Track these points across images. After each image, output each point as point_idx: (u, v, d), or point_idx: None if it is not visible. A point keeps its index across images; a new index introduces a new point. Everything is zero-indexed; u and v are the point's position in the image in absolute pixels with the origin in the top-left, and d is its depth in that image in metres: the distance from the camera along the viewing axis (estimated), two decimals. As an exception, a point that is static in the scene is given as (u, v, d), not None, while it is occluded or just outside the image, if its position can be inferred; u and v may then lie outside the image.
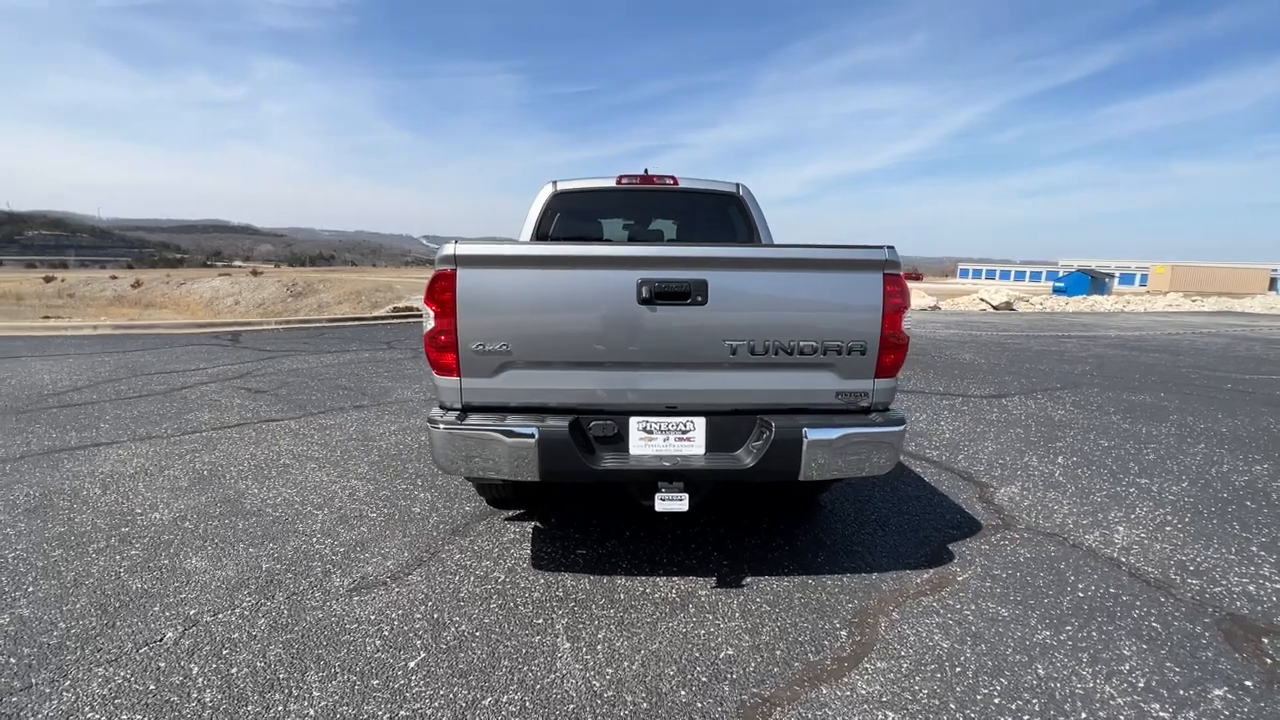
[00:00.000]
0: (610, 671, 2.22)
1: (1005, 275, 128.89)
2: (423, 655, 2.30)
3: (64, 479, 4.00)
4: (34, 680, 2.14)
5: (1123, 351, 11.12)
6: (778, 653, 2.34)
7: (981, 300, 25.54)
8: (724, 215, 4.64)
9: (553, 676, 2.19)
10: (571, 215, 4.65)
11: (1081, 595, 2.76)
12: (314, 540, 3.19)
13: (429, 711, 2.01)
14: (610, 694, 2.11)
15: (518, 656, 2.30)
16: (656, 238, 4.82)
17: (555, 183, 4.58)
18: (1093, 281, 39.57)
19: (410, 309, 15.72)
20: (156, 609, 2.57)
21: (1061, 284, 40.66)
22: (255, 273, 31.73)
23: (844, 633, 2.47)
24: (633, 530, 3.36)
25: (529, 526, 3.40)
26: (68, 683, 2.12)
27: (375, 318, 14.20)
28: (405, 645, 2.35)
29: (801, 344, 2.55)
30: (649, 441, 2.62)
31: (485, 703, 2.06)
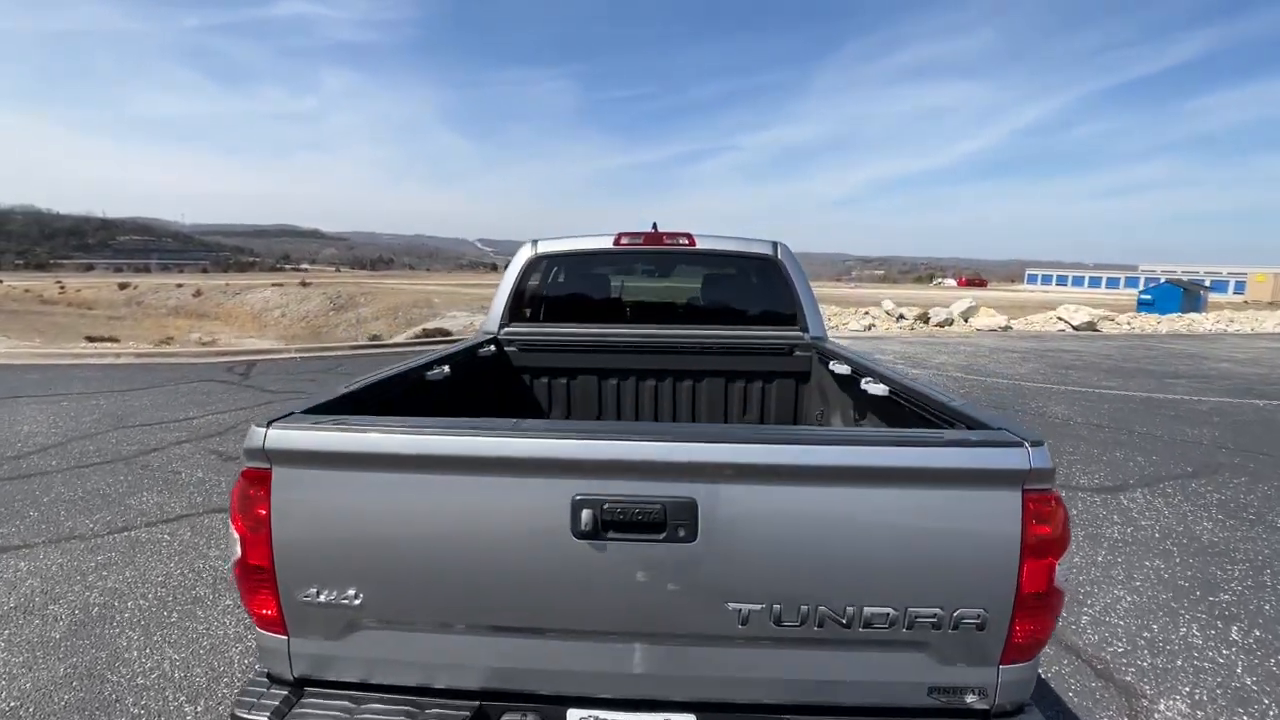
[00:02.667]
0: None
1: (1078, 281, 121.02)
2: None
3: (-75, 618, 3.24)
4: None
5: (1253, 402, 9.26)
6: None
7: (1059, 320, 23.16)
8: (754, 284, 3.52)
9: None
10: (554, 285, 3.63)
11: None
12: (153, 781, 2.26)
13: None
14: None
15: None
16: (665, 316, 3.73)
17: (535, 242, 3.57)
18: (1185, 295, 35.67)
19: (438, 332, 15.12)
20: None
21: (1148, 297, 36.90)
22: (304, 284, 32.32)
23: None
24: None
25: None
26: None
27: (395, 345, 13.63)
28: None
29: (868, 611, 1.43)
30: (601, 752, 1.55)
31: None
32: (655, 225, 3.51)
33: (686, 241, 3.41)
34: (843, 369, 2.67)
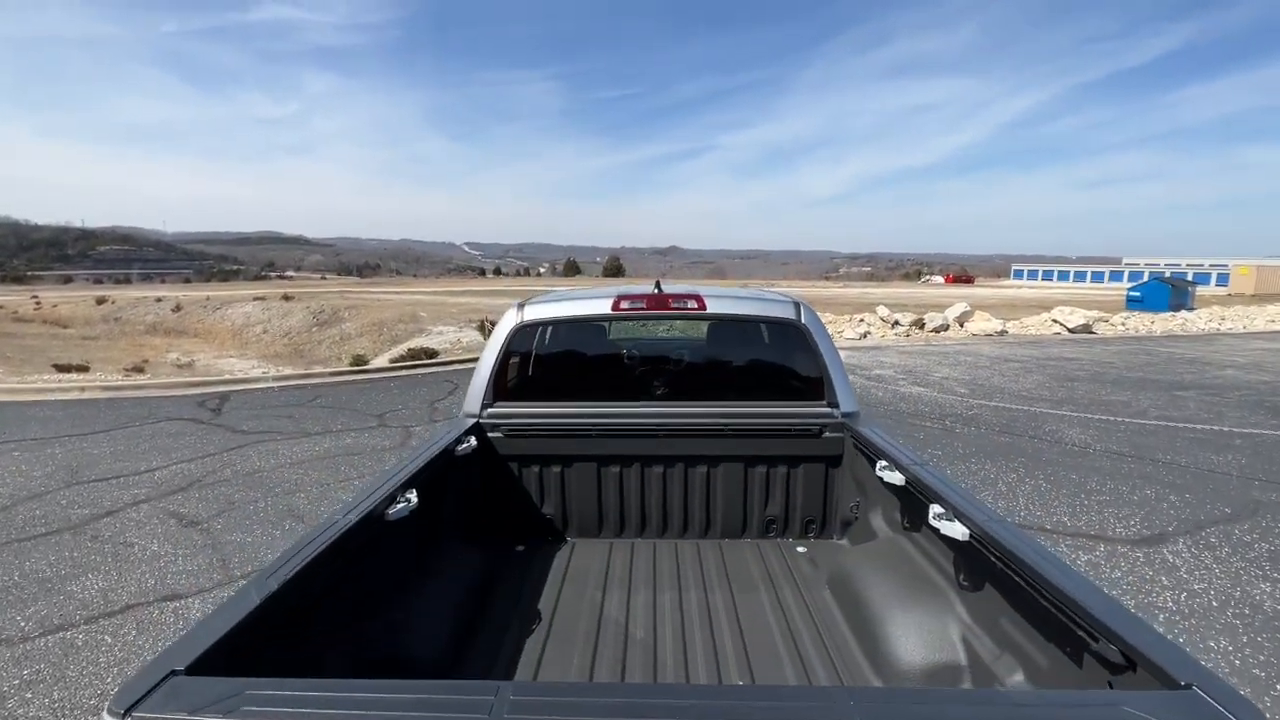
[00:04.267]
0: None
1: (1064, 275, 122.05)
2: None
3: None
4: None
5: (1272, 419, 8.96)
6: None
7: (1055, 322, 23.03)
8: (776, 352, 3.07)
9: None
10: (546, 360, 3.16)
11: None
12: None
13: None
14: None
15: None
16: (675, 391, 3.26)
17: (522, 305, 3.10)
18: (1173, 291, 35.73)
19: (423, 352, 14.55)
20: None
21: (1138, 294, 36.91)
22: (286, 297, 31.50)
23: None
24: None
25: None
26: None
27: (377, 370, 13.04)
28: None
29: None
30: None
31: None
32: (659, 285, 3.05)
33: (695, 305, 2.95)
34: (895, 478, 2.23)
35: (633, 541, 2.94)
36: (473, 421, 2.93)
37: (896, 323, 23.39)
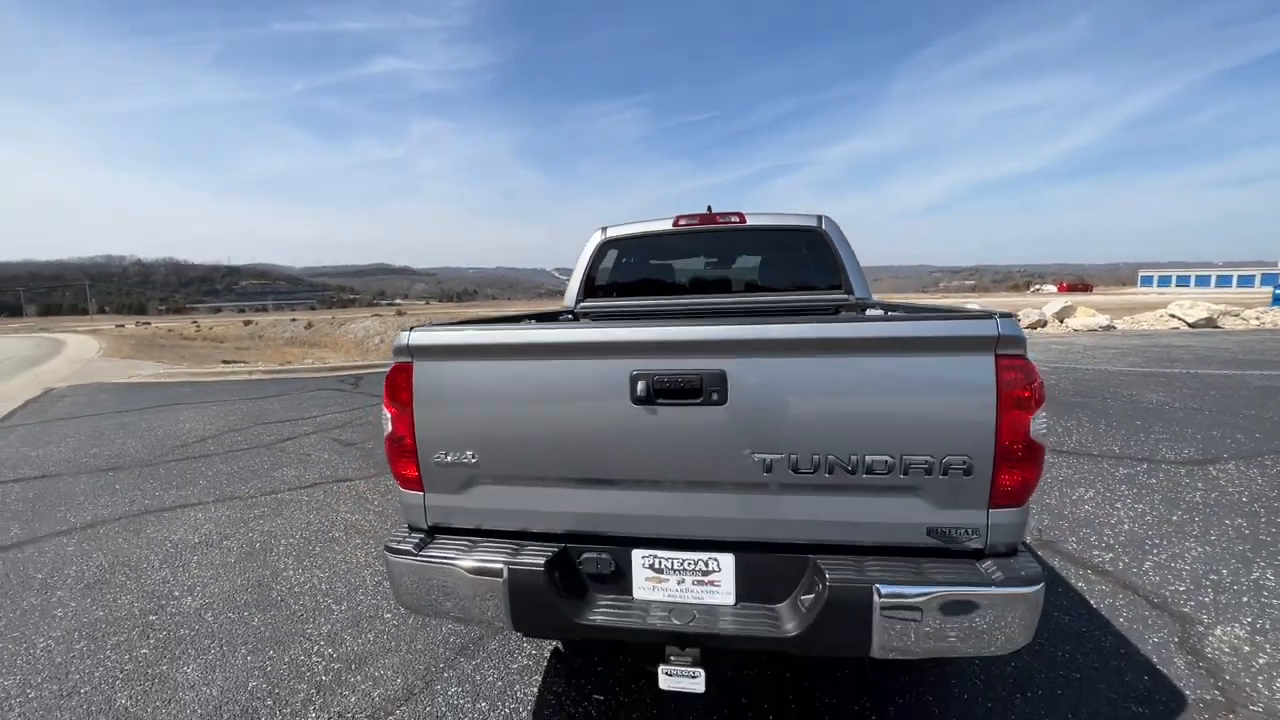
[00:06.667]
0: None
1: (1203, 281, 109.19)
2: None
3: (137, 548, 4.09)
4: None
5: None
6: None
7: (1173, 316, 21.30)
8: (802, 254, 3.85)
9: None
10: (623, 265, 4.12)
11: None
12: (314, 650, 2.85)
13: None
14: None
15: None
16: (722, 287, 4.12)
17: (604, 228, 4.08)
18: (1331, 285, 31.74)
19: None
20: (121, 740, 2.32)
21: (1285, 290, 33.11)
22: (400, 313, 34.92)
23: None
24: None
25: (548, 650, 2.82)
26: None
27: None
28: (341, 842, 1.86)
29: (869, 459, 1.76)
30: (658, 583, 1.94)
31: None
32: (710, 208, 3.93)
33: (738, 219, 3.80)
34: (876, 311, 2.96)
35: None
36: (570, 310, 3.93)
37: (987, 320, 22.58)
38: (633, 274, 4.12)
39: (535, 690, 2.53)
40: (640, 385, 1.82)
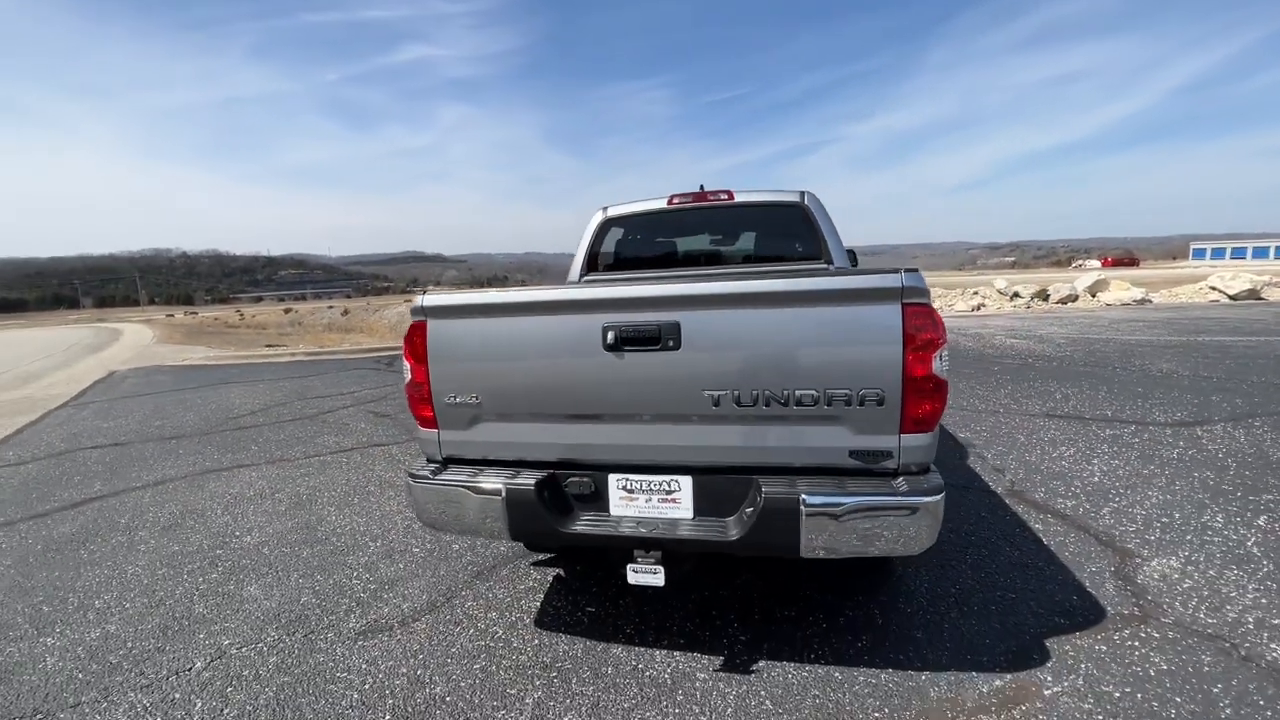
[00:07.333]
0: (557, 768, 1.99)
1: (1261, 253, 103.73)
2: (387, 718, 2.25)
3: (202, 499, 4.68)
4: (83, 699, 2.44)
5: None
6: (759, 772, 1.93)
7: (1213, 289, 20.59)
8: (786, 228, 4.15)
9: (496, 765, 2.01)
10: (622, 241, 4.48)
11: (1237, 743, 1.94)
12: (354, 575, 3.35)
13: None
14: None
15: (472, 734, 2.15)
16: (714, 259, 4.45)
17: (605, 208, 4.44)
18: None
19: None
20: (201, 636, 2.84)
21: (1342, 261, 31.44)
22: (431, 298, 35.85)
23: (855, 755, 1.98)
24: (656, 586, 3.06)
25: (551, 574, 3.26)
26: (104, 705, 2.40)
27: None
28: (377, 703, 2.32)
29: (798, 394, 2.11)
30: (629, 501, 2.34)
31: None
32: (702, 186, 4.25)
33: (726, 196, 4.12)
34: None
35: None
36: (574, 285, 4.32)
37: (1016, 294, 22.23)
38: (631, 250, 4.48)
39: (538, 604, 2.97)
40: (610, 335, 2.20)
